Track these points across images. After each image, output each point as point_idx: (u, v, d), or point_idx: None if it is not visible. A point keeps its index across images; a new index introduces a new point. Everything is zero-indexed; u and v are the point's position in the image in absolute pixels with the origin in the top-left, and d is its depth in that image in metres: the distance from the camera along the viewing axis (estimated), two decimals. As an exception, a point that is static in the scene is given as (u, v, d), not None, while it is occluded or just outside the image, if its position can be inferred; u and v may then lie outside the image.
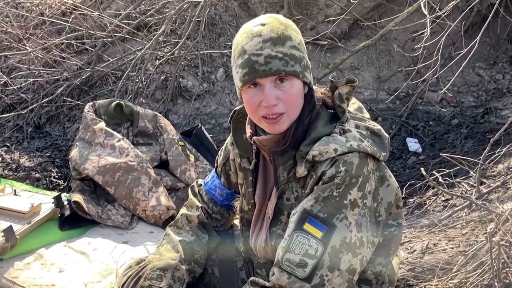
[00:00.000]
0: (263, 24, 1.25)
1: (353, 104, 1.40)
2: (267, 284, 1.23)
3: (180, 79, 3.93)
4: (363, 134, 1.28)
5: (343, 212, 1.20)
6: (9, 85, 3.73)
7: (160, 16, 4.05)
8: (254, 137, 1.35)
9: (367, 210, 1.23)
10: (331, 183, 1.21)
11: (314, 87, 1.35)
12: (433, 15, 3.06)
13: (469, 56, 2.66)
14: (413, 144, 3.53)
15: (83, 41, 4.07)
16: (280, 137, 1.30)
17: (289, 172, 1.33)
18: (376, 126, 1.33)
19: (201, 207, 1.60)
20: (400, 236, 1.38)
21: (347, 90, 1.31)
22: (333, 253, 1.19)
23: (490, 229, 1.86)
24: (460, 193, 2.54)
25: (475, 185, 2.51)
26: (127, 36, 3.98)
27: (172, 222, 1.65)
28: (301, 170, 1.28)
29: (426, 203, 2.69)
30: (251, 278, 1.27)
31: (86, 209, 2.39)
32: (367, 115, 1.40)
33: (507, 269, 1.70)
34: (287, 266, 1.20)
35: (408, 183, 2.82)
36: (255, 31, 1.24)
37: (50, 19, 4.09)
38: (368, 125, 1.31)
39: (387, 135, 1.34)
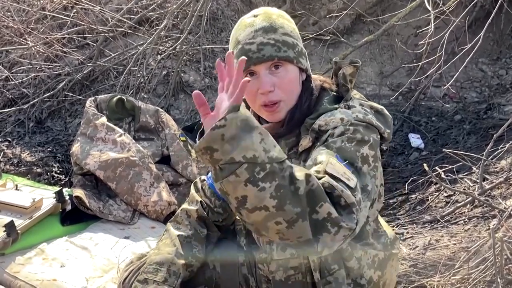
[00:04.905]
0: (255, 16, 1.30)
1: (355, 95, 1.41)
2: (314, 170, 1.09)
3: (182, 74, 3.92)
4: (367, 111, 1.28)
5: (357, 162, 1.15)
6: (10, 79, 3.73)
7: (162, 11, 4.04)
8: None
9: (376, 173, 1.19)
10: (341, 137, 1.18)
11: (312, 74, 1.37)
12: (437, 10, 3.04)
13: (473, 52, 2.64)
14: (415, 140, 3.52)
15: (84, 35, 4.07)
16: (281, 124, 1.32)
17: (290, 149, 1.34)
18: (379, 106, 1.35)
19: (201, 201, 1.60)
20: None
21: (351, 71, 1.33)
22: (363, 192, 1.12)
23: (493, 225, 1.85)
24: (463, 189, 2.53)
25: (477, 181, 2.50)
26: (129, 31, 3.97)
27: (173, 217, 1.65)
28: (305, 142, 1.28)
29: (428, 199, 2.69)
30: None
31: (88, 204, 2.38)
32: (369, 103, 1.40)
33: (510, 265, 1.70)
34: (331, 169, 1.08)
35: (411, 179, 2.81)
36: (248, 22, 1.29)
37: (51, 14, 4.08)
38: (372, 104, 1.33)
39: (390, 115, 1.35)
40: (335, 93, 1.34)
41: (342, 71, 1.32)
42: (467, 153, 2.62)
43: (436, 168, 2.60)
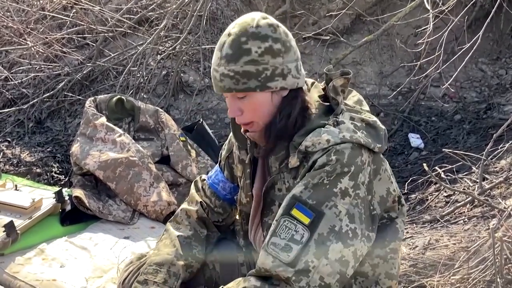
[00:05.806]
0: (229, 34, 1.25)
1: (353, 97, 1.40)
2: (254, 270, 1.24)
3: (182, 74, 3.92)
4: (357, 126, 1.27)
5: (332, 200, 1.20)
6: (10, 80, 3.73)
7: (162, 11, 4.03)
8: (247, 133, 1.37)
9: (360, 201, 1.22)
10: (321, 170, 1.21)
11: (309, 83, 1.36)
12: (436, 10, 3.05)
13: (472, 51, 2.64)
14: (415, 140, 3.52)
15: (84, 35, 4.07)
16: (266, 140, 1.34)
17: (281, 163, 1.34)
18: (372, 118, 1.32)
19: (201, 202, 1.60)
20: (393, 227, 1.35)
21: (342, 83, 1.31)
22: (320, 241, 1.18)
23: (493, 225, 1.85)
24: (463, 189, 2.53)
25: (477, 180, 2.50)
26: (129, 31, 3.97)
27: (172, 217, 1.64)
28: (293, 161, 1.28)
29: (428, 199, 2.69)
30: (249, 273, 1.27)
31: (87, 204, 2.38)
32: (366, 107, 1.38)
33: (510, 265, 1.70)
34: (272, 249, 1.20)
35: (410, 178, 2.81)
36: (221, 41, 1.26)
37: (51, 14, 4.08)
38: (363, 117, 1.31)
39: (383, 127, 1.33)
40: (327, 103, 1.33)
41: (332, 83, 1.30)
42: (467, 153, 2.62)
43: (436, 168, 2.60)
